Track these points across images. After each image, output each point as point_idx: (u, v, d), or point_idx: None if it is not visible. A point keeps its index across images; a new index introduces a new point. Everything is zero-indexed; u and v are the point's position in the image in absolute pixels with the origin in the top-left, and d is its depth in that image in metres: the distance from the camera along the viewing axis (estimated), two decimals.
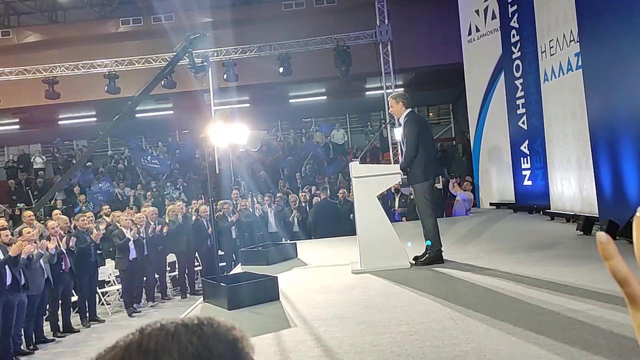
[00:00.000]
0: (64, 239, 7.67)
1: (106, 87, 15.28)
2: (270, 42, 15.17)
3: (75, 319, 8.08)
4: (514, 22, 11.09)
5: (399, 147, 14.56)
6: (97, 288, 8.66)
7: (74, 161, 17.56)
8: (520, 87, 11.06)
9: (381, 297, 4.86)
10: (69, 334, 7.60)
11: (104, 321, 8.29)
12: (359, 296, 4.98)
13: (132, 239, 8.58)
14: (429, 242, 6.02)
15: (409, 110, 6.13)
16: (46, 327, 7.55)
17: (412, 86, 18.07)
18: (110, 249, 9.15)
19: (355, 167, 6.31)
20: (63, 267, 7.57)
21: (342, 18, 15.80)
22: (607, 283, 4.59)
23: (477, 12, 12.86)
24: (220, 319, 0.71)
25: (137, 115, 19.16)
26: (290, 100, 19.38)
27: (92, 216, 9.08)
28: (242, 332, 0.71)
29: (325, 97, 19.57)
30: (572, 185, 8.86)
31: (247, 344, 0.70)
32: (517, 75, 11.11)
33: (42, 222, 8.55)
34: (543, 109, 9.78)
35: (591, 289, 4.46)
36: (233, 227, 9.96)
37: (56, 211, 9.86)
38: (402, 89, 17.05)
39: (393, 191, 12.00)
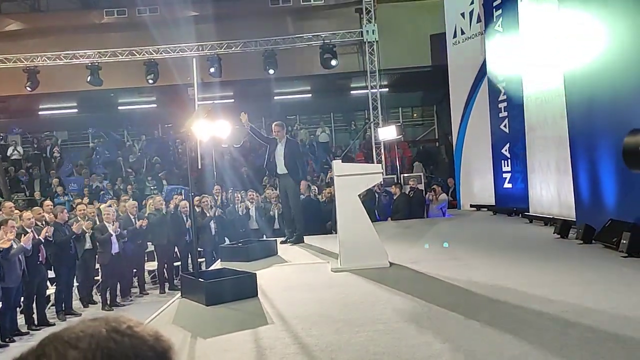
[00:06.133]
0: (44, 230, 7.55)
1: (88, 78, 15.08)
2: (255, 38, 15.11)
3: (50, 312, 7.97)
4: (499, 26, 11.20)
5: (380, 150, 14.62)
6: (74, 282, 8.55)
7: (48, 153, 17.32)
8: (503, 90, 11.18)
9: (359, 296, 4.87)
10: (44, 327, 7.48)
11: (80, 315, 8.19)
12: (338, 294, 4.99)
13: (114, 233, 8.48)
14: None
15: (287, 136, 8.48)
16: (20, 319, 7.43)
17: (397, 87, 18.13)
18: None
19: (338, 166, 6.33)
20: (40, 259, 7.46)
21: (328, 16, 15.80)
22: (581, 286, 4.67)
23: (462, 15, 12.96)
24: (142, 328, 0.69)
25: (119, 107, 18.96)
26: (275, 97, 19.33)
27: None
28: (166, 343, 0.69)
29: (310, 95, 19.54)
30: (551, 189, 8.99)
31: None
32: (500, 78, 11.23)
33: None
34: (525, 113, 9.89)
35: (566, 291, 4.53)
36: (212, 222, 9.88)
37: (47, 202, 9.66)
38: (387, 89, 17.13)
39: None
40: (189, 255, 9.62)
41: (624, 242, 5.95)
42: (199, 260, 9.33)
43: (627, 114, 6.15)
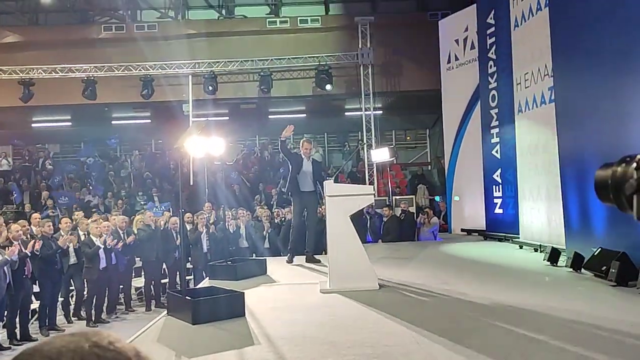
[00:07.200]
0: (31, 243, 7.46)
1: (84, 92, 15.08)
2: (252, 57, 15.23)
3: (33, 327, 7.84)
4: (492, 53, 11.36)
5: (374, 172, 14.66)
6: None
7: (39, 166, 17.22)
8: (495, 116, 11.29)
9: (348, 318, 4.84)
10: (26, 342, 7.35)
11: (63, 330, 8.05)
12: (326, 316, 4.95)
13: (102, 246, 8.40)
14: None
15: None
16: (2, 334, 7.30)
17: (391, 109, 18.26)
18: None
19: (330, 186, 6.33)
20: (25, 272, 7.36)
21: (325, 38, 15.97)
22: (571, 315, 4.66)
23: (456, 41, 13.14)
24: (122, 344, 0.68)
25: (113, 122, 18.94)
26: (270, 116, 19.40)
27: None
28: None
29: (304, 115, 19.63)
30: (541, 215, 9.03)
31: None
32: (493, 105, 11.35)
33: None
34: (516, 140, 9.99)
35: (555, 319, 4.52)
36: (205, 239, 9.81)
37: (35, 215, 9.57)
38: (381, 112, 17.26)
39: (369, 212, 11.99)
40: (178, 272, 9.53)
41: (613, 271, 5.96)
42: (188, 277, 9.24)
43: (617, 142, 6.22)
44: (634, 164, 0.90)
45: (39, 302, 8.03)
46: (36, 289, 8.06)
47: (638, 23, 6.03)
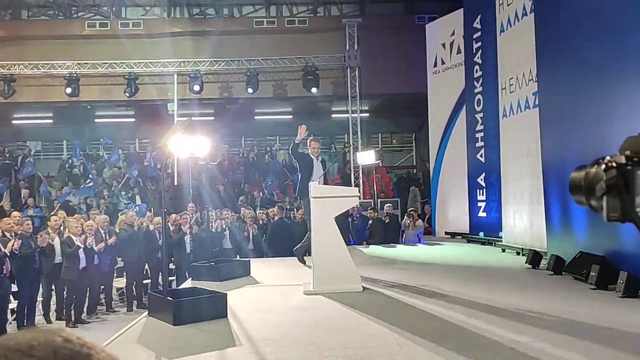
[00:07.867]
0: (10, 243, 7.31)
1: (67, 90, 14.88)
2: (238, 57, 15.16)
3: (11, 327, 7.70)
4: (478, 57, 11.44)
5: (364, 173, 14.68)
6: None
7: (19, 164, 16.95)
8: (480, 120, 11.37)
9: (331, 320, 4.82)
10: None
11: None
12: (309, 318, 4.93)
13: (82, 246, 8.26)
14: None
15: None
16: None
17: (377, 112, 18.31)
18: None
19: (315, 188, 6.31)
20: (4, 271, 7.22)
21: (312, 39, 15.95)
22: (551, 318, 4.69)
23: (443, 45, 13.22)
24: (88, 340, 0.67)
25: (96, 120, 18.71)
26: (256, 117, 19.34)
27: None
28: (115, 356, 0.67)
29: (291, 117, 19.60)
30: (524, 219, 9.11)
31: None
32: (478, 109, 11.43)
33: None
34: (500, 144, 10.06)
35: (535, 322, 4.54)
36: (188, 239, 9.71)
37: (15, 213, 9.38)
38: (367, 114, 17.30)
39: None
40: (160, 273, 9.41)
41: (593, 274, 6.03)
42: (170, 278, 9.14)
43: (600, 146, 6.29)
44: (603, 166, 0.90)
45: (17, 301, 7.88)
46: (14, 288, 7.91)
47: (621, 29, 6.11)
